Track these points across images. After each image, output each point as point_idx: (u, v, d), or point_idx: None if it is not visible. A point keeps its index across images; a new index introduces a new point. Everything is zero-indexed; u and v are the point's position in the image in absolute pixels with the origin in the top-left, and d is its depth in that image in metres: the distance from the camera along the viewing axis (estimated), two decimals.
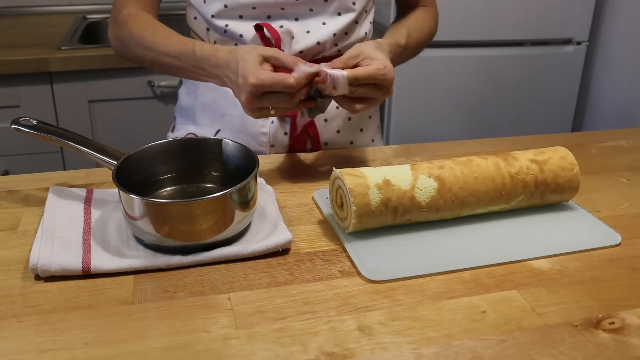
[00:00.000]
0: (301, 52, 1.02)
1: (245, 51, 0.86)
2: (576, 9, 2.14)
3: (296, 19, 1.02)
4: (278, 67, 0.86)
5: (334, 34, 1.03)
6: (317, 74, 0.85)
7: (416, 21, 1.09)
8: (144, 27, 0.99)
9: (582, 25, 2.17)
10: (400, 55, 1.02)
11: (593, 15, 2.17)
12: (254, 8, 1.00)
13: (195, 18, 1.06)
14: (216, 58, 0.90)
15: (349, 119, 1.10)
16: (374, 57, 0.87)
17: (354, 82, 0.85)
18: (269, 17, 1.02)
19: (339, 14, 1.04)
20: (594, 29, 2.26)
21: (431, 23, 1.12)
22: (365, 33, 1.08)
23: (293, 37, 1.02)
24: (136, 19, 1.00)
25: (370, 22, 1.10)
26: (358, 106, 0.88)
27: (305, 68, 0.84)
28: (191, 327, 0.63)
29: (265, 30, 0.99)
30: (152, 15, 1.03)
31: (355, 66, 0.88)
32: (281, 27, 1.01)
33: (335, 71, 0.85)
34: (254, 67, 0.83)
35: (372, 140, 1.16)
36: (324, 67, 0.85)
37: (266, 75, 0.82)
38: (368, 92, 0.87)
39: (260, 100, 0.84)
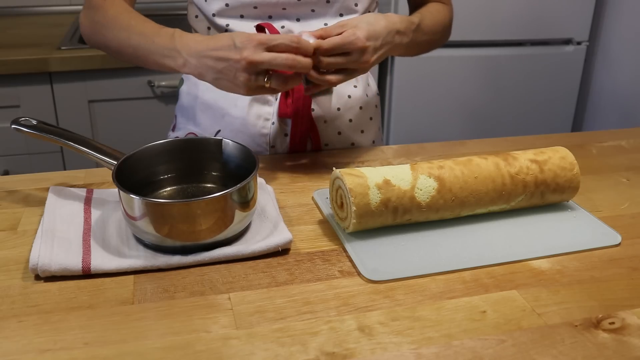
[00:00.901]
0: None
1: (230, 33, 0.87)
2: (576, 9, 2.14)
3: (298, 20, 1.02)
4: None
5: None
6: None
7: (429, 10, 1.07)
8: (121, 10, 0.97)
9: (582, 25, 2.17)
10: (415, 34, 0.99)
11: (593, 15, 2.17)
12: (255, 7, 1.00)
13: (197, 17, 1.06)
14: (195, 41, 0.87)
15: (350, 120, 1.10)
16: (358, 27, 0.88)
17: (322, 52, 0.86)
18: (270, 17, 1.02)
19: (341, 15, 1.04)
20: (594, 29, 2.26)
21: (446, 14, 1.10)
22: None
23: None
24: (113, 3, 0.98)
25: None
26: (332, 77, 0.89)
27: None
28: (191, 327, 0.63)
29: (266, 30, 0.99)
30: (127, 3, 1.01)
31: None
32: (282, 27, 1.01)
33: (306, 37, 0.86)
34: (250, 33, 0.84)
35: (373, 141, 1.16)
36: (304, 35, 0.87)
37: (269, 35, 0.83)
38: (339, 63, 0.88)
39: (263, 56, 0.82)
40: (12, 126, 0.83)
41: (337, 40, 0.86)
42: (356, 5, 1.04)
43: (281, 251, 0.76)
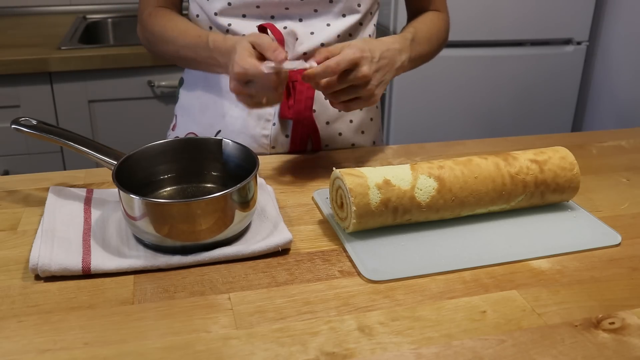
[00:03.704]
0: (305, 53, 1.02)
1: (240, 40, 0.88)
2: (576, 9, 2.14)
3: (300, 20, 1.02)
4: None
5: (338, 36, 1.03)
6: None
7: (424, 21, 1.08)
8: (164, 23, 1.03)
9: (582, 25, 2.17)
10: (412, 47, 0.99)
11: (593, 15, 2.17)
12: (258, 7, 1.00)
13: (198, 16, 1.06)
14: (226, 47, 0.92)
15: (351, 121, 1.10)
16: (350, 45, 0.87)
17: (319, 75, 0.85)
18: (272, 17, 1.01)
19: (344, 16, 1.04)
20: (594, 29, 2.26)
21: (441, 24, 1.10)
22: (369, 35, 1.08)
23: (297, 39, 1.02)
24: (157, 16, 1.05)
25: (374, 24, 1.09)
26: (341, 97, 0.88)
27: (270, 64, 0.84)
28: (191, 327, 0.63)
29: (268, 31, 0.98)
30: (172, 11, 1.07)
31: None
32: (285, 27, 1.01)
33: (298, 64, 0.85)
34: (241, 56, 0.84)
35: (374, 142, 1.16)
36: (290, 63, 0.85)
37: (249, 65, 0.83)
38: (342, 83, 0.86)
39: (246, 87, 0.85)
40: (12, 126, 0.83)
41: (331, 59, 0.84)
42: (359, 5, 1.04)
43: (281, 251, 0.76)
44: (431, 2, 1.12)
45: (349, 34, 1.04)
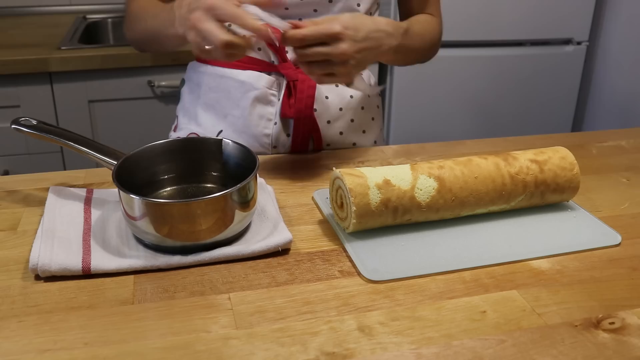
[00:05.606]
0: None
1: None
2: (576, 9, 2.14)
3: (300, 20, 1.02)
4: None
5: None
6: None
7: (418, 19, 1.08)
8: (142, 4, 1.03)
9: (582, 25, 2.17)
10: (404, 38, 0.94)
11: (593, 15, 2.17)
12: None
13: None
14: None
15: (352, 120, 1.10)
16: (336, 19, 0.84)
17: (295, 41, 0.81)
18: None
19: None
20: (594, 29, 2.26)
21: (434, 26, 1.10)
22: None
23: None
24: (138, 2, 1.04)
25: None
26: (315, 70, 0.84)
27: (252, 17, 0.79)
28: (191, 327, 0.63)
29: (269, 30, 0.98)
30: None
31: None
32: None
33: (277, 22, 0.80)
34: None
35: (375, 142, 1.16)
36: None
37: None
38: (316, 53, 0.82)
39: (205, 25, 0.78)
40: (12, 126, 0.83)
41: (310, 27, 0.81)
42: (358, 5, 1.04)
43: (281, 251, 0.76)
44: (425, 7, 1.12)
45: None
